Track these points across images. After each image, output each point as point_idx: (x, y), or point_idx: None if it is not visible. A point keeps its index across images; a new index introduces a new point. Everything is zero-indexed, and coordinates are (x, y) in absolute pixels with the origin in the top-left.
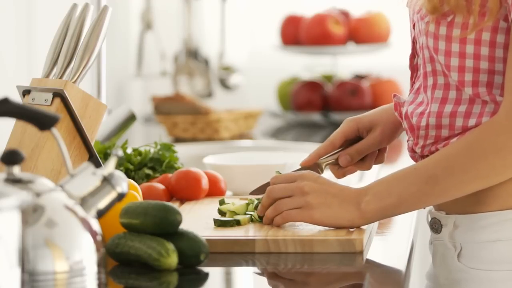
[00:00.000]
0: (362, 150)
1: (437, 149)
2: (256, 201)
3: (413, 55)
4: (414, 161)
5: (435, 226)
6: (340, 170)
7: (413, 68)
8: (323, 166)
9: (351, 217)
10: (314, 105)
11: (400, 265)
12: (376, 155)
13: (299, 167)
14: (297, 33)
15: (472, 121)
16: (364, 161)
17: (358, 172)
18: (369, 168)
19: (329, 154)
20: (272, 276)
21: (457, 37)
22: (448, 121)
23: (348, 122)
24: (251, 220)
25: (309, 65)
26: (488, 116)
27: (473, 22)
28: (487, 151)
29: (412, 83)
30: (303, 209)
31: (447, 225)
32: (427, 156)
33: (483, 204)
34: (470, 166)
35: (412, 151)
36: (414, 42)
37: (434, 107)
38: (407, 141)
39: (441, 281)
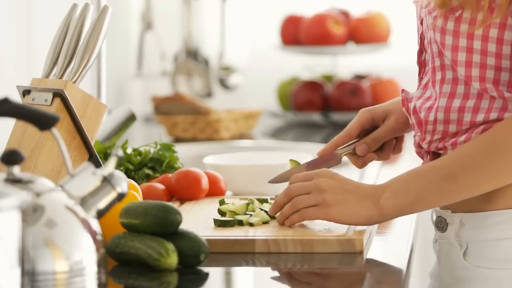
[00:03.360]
0: (378, 138)
1: (444, 146)
2: (256, 201)
3: (421, 51)
4: (420, 156)
5: (441, 224)
6: (360, 159)
7: (421, 63)
8: (341, 156)
9: (369, 214)
10: (314, 105)
11: (400, 265)
12: (393, 145)
13: (317, 157)
14: (297, 33)
15: (480, 117)
16: (382, 151)
17: (358, 171)
18: (387, 157)
19: (346, 145)
20: (272, 276)
21: (465, 32)
22: (456, 116)
23: (363, 112)
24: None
25: (309, 65)
26: (497, 111)
27: (481, 18)
28: (506, 148)
29: (420, 78)
30: (320, 206)
31: (452, 224)
32: (433, 152)
33: (490, 202)
34: (489, 164)
35: (418, 147)
36: (422, 38)
37: (442, 101)
38: (414, 136)
39: (445, 279)
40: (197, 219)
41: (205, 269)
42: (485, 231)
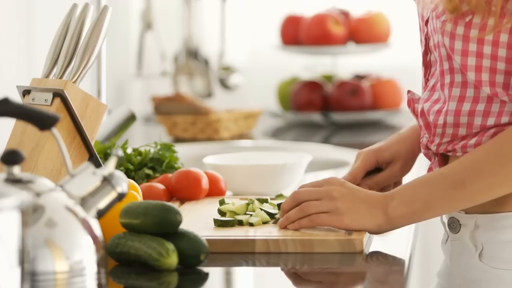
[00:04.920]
0: (381, 183)
1: (453, 149)
2: (256, 201)
3: (426, 52)
4: (427, 158)
5: (453, 225)
6: None
7: (427, 64)
8: None
9: (378, 222)
10: (314, 105)
11: (400, 265)
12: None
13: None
14: (297, 33)
15: (491, 120)
16: (383, 189)
17: None
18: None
19: None
20: (272, 276)
21: (475, 37)
22: (467, 120)
23: (368, 155)
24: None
25: (309, 65)
26: (508, 115)
27: (492, 23)
28: None
29: (426, 80)
30: (332, 213)
31: (466, 225)
32: (441, 154)
33: (505, 204)
34: (498, 170)
35: (426, 148)
36: (426, 39)
37: (452, 105)
38: (421, 138)
39: (457, 280)
40: (197, 219)
41: (205, 269)
42: (501, 233)
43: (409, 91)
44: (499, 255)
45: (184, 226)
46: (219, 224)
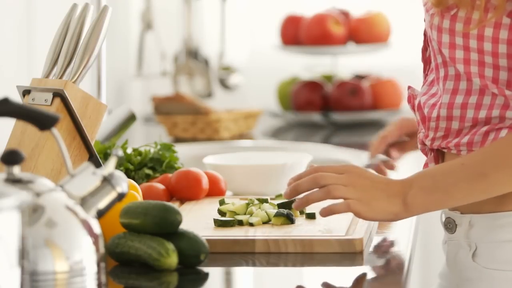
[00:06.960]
0: (404, 150)
1: (447, 146)
2: (256, 201)
3: (425, 48)
4: (424, 154)
5: (450, 226)
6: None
7: (426, 60)
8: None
9: (396, 211)
10: (314, 105)
11: (400, 265)
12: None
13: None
14: (297, 33)
15: (482, 113)
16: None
17: None
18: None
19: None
20: (272, 276)
21: (460, 31)
22: (459, 113)
23: (405, 123)
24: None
25: (309, 65)
26: (499, 108)
27: (477, 17)
28: None
29: (426, 75)
30: (355, 202)
31: (461, 225)
32: (436, 150)
33: (499, 203)
34: None
35: (422, 144)
36: (425, 35)
37: (445, 98)
38: (418, 133)
39: (454, 280)
40: (197, 219)
41: (205, 269)
42: (495, 232)
43: (409, 87)
44: (492, 255)
45: (184, 226)
46: (219, 224)
